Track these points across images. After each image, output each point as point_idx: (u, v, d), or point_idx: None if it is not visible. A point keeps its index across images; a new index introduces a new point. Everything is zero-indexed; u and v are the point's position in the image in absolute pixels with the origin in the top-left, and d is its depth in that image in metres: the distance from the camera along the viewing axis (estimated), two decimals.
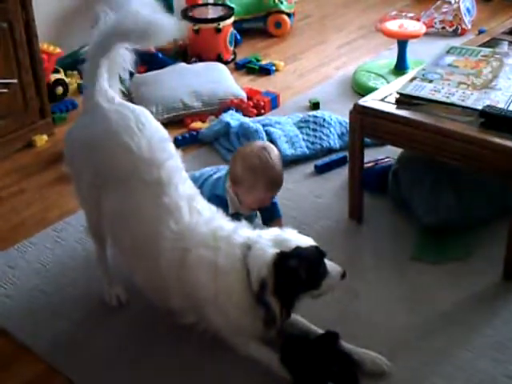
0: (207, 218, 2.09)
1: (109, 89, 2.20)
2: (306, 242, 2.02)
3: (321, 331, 2.09)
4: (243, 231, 2.06)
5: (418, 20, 4.18)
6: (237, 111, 3.39)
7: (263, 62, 4.03)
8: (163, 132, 2.22)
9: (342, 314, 2.26)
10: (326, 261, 2.03)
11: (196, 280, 2.00)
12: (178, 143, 3.27)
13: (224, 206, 2.33)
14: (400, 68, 3.66)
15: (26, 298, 2.37)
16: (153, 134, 2.15)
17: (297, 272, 1.94)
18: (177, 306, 2.08)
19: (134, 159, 2.09)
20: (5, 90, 3.10)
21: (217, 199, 2.35)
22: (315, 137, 3.17)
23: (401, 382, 2.02)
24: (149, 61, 3.88)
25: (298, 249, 1.97)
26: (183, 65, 3.82)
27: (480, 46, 2.86)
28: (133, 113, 2.16)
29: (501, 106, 2.35)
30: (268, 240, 1.99)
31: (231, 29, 4.07)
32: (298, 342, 2.04)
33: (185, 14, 4.05)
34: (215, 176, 2.52)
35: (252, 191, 2.37)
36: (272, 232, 2.05)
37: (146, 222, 2.08)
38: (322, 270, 2.00)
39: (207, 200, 2.22)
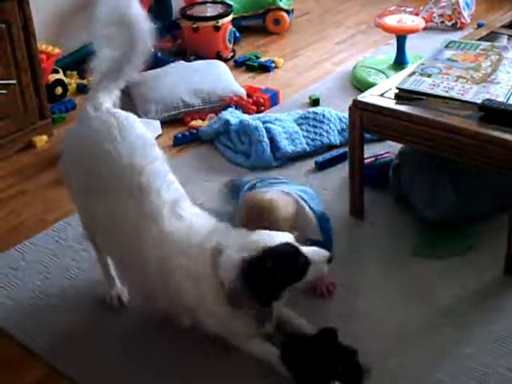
0: (187, 224, 2.06)
1: (100, 95, 2.20)
2: (278, 239, 1.96)
3: (313, 330, 2.07)
4: (218, 234, 2.03)
5: (417, 15, 4.17)
6: (236, 109, 3.39)
7: (262, 59, 4.02)
8: (147, 138, 2.20)
9: (342, 310, 2.25)
10: (308, 248, 1.98)
11: (179, 288, 2.00)
12: (178, 141, 3.27)
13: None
14: (399, 63, 3.65)
15: (28, 300, 2.37)
16: (135, 140, 2.13)
17: (266, 273, 1.90)
18: (170, 311, 2.09)
19: (114, 166, 2.08)
20: (4, 91, 3.10)
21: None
22: (315, 133, 3.16)
23: (404, 378, 2.02)
24: (148, 59, 3.87)
25: (265, 250, 1.92)
26: (182, 63, 3.81)
27: (479, 39, 2.86)
28: (117, 119, 2.15)
29: (500, 99, 2.34)
30: (237, 244, 1.96)
31: (230, 26, 4.06)
32: (297, 339, 2.03)
33: (183, 13, 4.04)
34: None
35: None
36: (243, 234, 2.01)
37: (129, 231, 2.06)
38: (300, 261, 1.95)
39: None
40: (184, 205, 2.12)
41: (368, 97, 2.51)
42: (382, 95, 2.50)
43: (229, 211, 2.44)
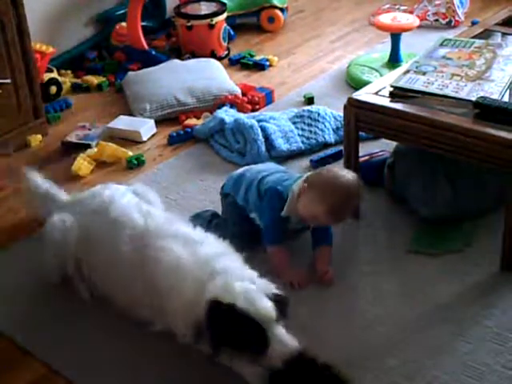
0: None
1: None
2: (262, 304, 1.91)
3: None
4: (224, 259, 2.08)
5: (411, 13, 4.17)
6: (231, 107, 3.39)
7: (257, 58, 4.02)
8: None
9: (339, 308, 2.26)
10: (277, 335, 1.90)
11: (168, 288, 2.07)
12: (173, 140, 3.27)
13: (280, 202, 2.36)
14: (394, 61, 3.66)
15: (26, 299, 2.36)
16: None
17: (220, 324, 1.88)
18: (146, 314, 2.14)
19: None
20: None
21: (276, 193, 2.37)
22: (310, 132, 3.16)
23: (400, 375, 2.02)
24: (142, 58, 3.87)
25: (232, 308, 1.88)
26: (177, 61, 3.81)
27: (473, 37, 2.86)
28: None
29: (494, 97, 2.34)
30: (234, 277, 1.97)
31: (224, 24, 4.06)
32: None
33: (177, 11, 4.04)
34: (285, 177, 2.47)
35: (313, 204, 2.30)
36: (239, 270, 2.02)
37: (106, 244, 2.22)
38: (257, 339, 1.87)
39: (263, 191, 2.37)
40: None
41: (363, 95, 2.51)
42: (376, 93, 2.50)
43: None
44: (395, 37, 3.66)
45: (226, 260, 2.07)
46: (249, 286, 1.95)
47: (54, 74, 3.64)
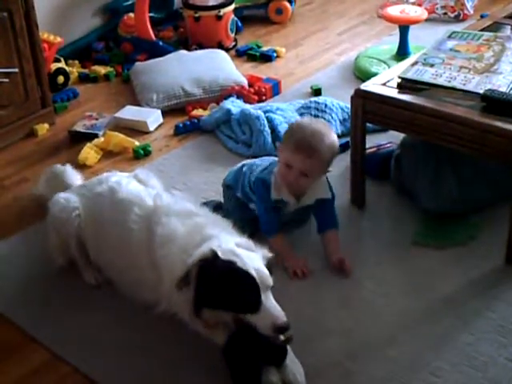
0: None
1: None
2: (253, 262, 1.90)
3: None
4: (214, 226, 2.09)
5: (420, 5, 4.16)
6: (238, 98, 3.39)
7: (264, 49, 4.01)
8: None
9: (343, 299, 2.26)
10: (270, 302, 1.87)
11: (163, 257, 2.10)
12: (179, 131, 3.27)
13: (266, 189, 2.37)
14: (402, 53, 3.65)
15: (30, 286, 2.38)
16: None
17: (207, 281, 1.88)
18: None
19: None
20: (6, 80, 3.10)
21: (260, 182, 2.38)
22: None
23: (403, 366, 2.02)
24: (149, 49, 3.87)
25: (228, 265, 1.87)
26: (184, 52, 3.81)
27: (482, 30, 2.85)
28: None
29: (502, 89, 2.34)
30: (222, 240, 1.97)
31: (232, 16, 4.06)
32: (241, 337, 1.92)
33: (185, 2, 4.03)
34: (272, 166, 2.46)
35: (284, 154, 2.34)
36: (234, 241, 2.00)
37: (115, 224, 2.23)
38: (245, 299, 1.86)
39: (252, 184, 2.38)
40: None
41: (370, 86, 2.51)
42: (384, 84, 2.50)
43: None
44: (403, 29, 3.65)
45: (219, 228, 2.07)
46: (247, 251, 1.95)
47: (62, 64, 3.64)
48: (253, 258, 1.93)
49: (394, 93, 2.45)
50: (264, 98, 3.47)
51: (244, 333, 1.89)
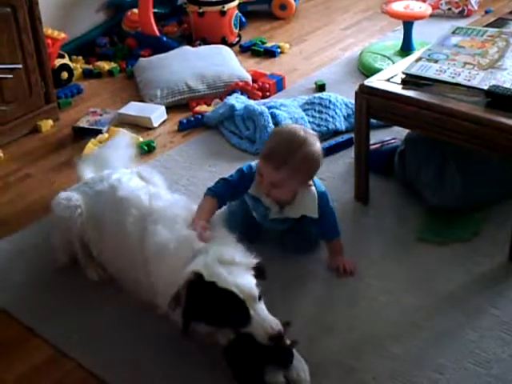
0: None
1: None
2: (241, 280, 1.88)
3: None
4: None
5: (424, 1, 4.14)
6: (242, 94, 3.38)
7: (268, 45, 4.01)
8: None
9: (347, 295, 2.26)
10: (260, 313, 1.86)
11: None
12: (183, 127, 3.27)
13: (249, 177, 2.27)
14: (406, 49, 3.64)
15: (34, 282, 2.38)
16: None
17: (196, 298, 1.87)
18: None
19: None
20: (10, 76, 3.10)
21: (240, 173, 2.30)
22: (321, 119, 3.15)
23: (407, 363, 2.02)
24: (153, 44, 3.87)
25: (212, 285, 1.86)
26: (188, 48, 3.81)
27: (486, 26, 2.84)
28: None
29: (507, 85, 2.33)
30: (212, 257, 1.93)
31: (236, 11, 4.05)
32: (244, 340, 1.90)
33: None
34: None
35: (259, 157, 2.25)
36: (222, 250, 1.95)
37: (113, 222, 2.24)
38: (231, 318, 1.87)
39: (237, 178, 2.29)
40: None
41: (375, 82, 2.50)
42: (388, 80, 2.49)
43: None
44: (408, 25, 3.64)
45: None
46: (230, 266, 1.91)
47: (66, 60, 3.64)
48: (236, 274, 1.89)
49: (398, 88, 2.44)
50: (268, 93, 3.46)
51: (247, 337, 1.88)
